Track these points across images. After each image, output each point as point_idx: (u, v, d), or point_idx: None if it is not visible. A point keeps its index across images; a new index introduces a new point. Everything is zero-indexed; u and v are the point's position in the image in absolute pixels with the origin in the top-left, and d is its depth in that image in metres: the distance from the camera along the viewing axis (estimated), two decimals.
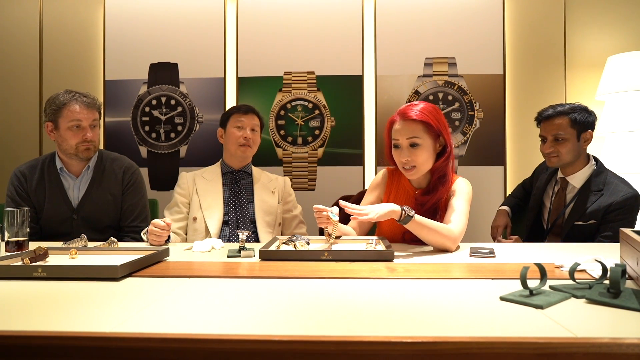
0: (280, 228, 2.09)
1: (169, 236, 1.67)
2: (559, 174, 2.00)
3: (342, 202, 1.49)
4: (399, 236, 1.72)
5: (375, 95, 2.84)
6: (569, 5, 2.80)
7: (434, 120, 1.60)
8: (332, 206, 1.57)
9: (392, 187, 1.77)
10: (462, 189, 1.65)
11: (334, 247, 1.52)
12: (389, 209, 1.45)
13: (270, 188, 2.09)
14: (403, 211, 1.45)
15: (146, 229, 1.69)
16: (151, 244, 1.63)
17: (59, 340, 0.73)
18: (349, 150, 2.84)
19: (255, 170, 2.14)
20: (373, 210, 1.45)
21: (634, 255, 1.04)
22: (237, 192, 2.05)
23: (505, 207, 2.17)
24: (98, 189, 1.96)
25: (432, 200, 1.64)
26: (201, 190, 2.02)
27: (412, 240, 1.67)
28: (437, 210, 1.63)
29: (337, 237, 1.63)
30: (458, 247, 1.56)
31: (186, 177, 2.07)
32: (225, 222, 2.00)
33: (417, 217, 1.47)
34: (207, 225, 1.95)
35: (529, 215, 2.09)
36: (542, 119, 1.96)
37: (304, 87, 2.86)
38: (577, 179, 1.92)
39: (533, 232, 2.06)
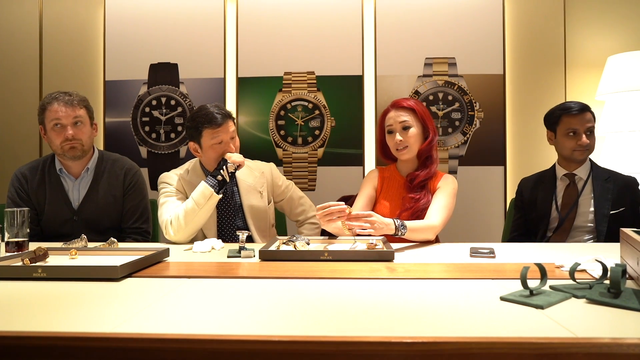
0: (274, 229, 2.02)
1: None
2: (561, 173, 2.00)
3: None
4: None
5: (375, 96, 2.84)
6: (569, 5, 2.80)
7: (420, 109, 1.86)
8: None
9: (384, 181, 1.92)
10: (447, 185, 1.83)
11: (332, 247, 1.52)
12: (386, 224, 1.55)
13: (257, 188, 1.95)
14: (396, 228, 1.55)
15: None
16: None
17: (59, 340, 0.73)
18: (349, 151, 2.84)
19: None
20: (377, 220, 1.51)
21: (634, 255, 1.04)
22: (225, 192, 1.92)
23: None
24: (99, 191, 1.96)
25: (422, 174, 1.83)
26: (191, 193, 1.83)
27: None
28: (425, 185, 1.83)
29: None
30: (438, 240, 1.79)
31: (171, 178, 1.90)
32: (218, 218, 1.90)
33: (408, 223, 1.59)
34: (202, 229, 1.86)
35: (540, 222, 1.99)
36: (575, 112, 1.94)
37: (304, 87, 2.86)
38: (582, 171, 1.99)
39: (543, 229, 1.99)
